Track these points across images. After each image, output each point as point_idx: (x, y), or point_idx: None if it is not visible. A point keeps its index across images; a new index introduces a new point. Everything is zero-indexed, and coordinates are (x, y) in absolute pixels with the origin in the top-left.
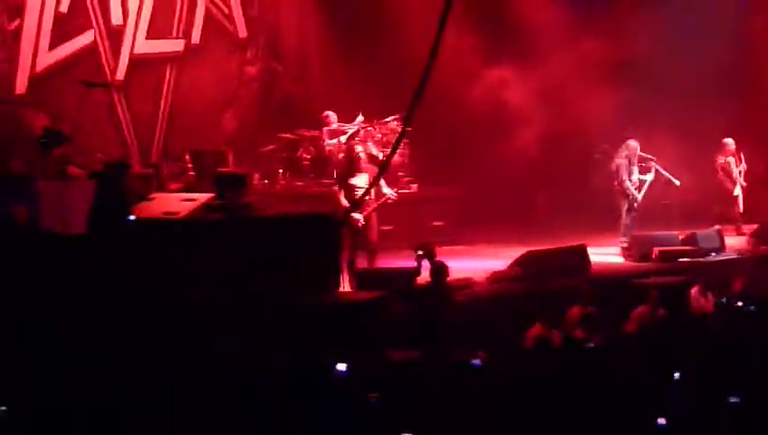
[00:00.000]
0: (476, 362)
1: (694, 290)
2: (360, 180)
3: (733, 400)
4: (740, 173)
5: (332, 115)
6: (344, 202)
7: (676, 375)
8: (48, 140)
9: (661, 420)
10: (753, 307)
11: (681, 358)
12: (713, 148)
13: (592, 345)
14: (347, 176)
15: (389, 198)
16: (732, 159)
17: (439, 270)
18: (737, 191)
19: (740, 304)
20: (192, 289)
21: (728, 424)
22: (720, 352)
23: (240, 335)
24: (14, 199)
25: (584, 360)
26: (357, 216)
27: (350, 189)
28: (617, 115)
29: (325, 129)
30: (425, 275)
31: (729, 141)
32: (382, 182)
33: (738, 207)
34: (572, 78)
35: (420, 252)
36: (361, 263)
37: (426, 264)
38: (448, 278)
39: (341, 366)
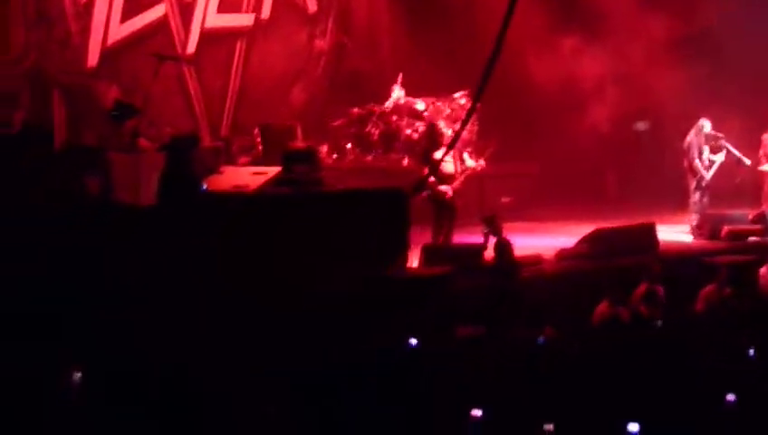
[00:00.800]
0: (541, 339)
1: (764, 269)
2: (442, 154)
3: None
4: None
5: (398, 89)
6: (431, 177)
7: (751, 352)
8: (119, 112)
9: (730, 397)
10: None
11: (752, 336)
12: None
13: (660, 323)
14: (430, 151)
15: (477, 168)
16: (767, 136)
17: (503, 247)
18: (764, 167)
19: None
20: (262, 262)
21: None
22: None
23: (309, 309)
24: (87, 171)
25: (652, 337)
26: (445, 188)
27: (434, 164)
28: (688, 94)
29: (390, 102)
30: (491, 252)
31: None
32: (465, 156)
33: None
34: (644, 56)
35: (486, 229)
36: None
37: (493, 239)
38: (514, 255)
39: (413, 340)
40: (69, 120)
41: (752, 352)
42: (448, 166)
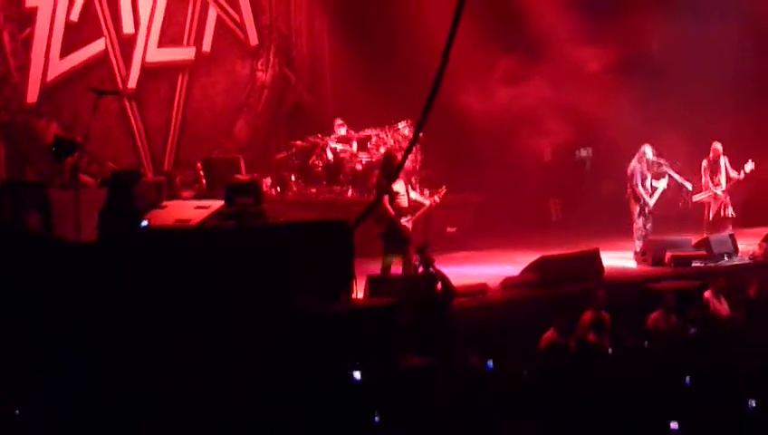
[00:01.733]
0: (490, 364)
1: (707, 293)
2: (400, 186)
3: (752, 404)
4: (714, 181)
5: (340, 123)
6: (391, 209)
7: (687, 380)
8: (59, 148)
9: (674, 425)
10: None
11: (697, 362)
12: (727, 152)
13: (610, 351)
14: (387, 182)
15: (432, 204)
16: (704, 163)
17: (429, 279)
18: (698, 197)
19: None
20: (204, 296)
21: (748, 429)
22: (740, 355)
23: (252, 342)
24: (27, 207)
25: (597, 364)
26: (405, 222)
27: (392, 196)
28: (631, 120)
29: (333, 136)
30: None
31: (715, 146)
32: (409, 188)
33: (707, 213)
34: (586, 84)
35: (417, 262)
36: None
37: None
38: (449, 285)
39: (357, 374)
40: (8, 157)
41: (688, 379)
42: (404, 199)
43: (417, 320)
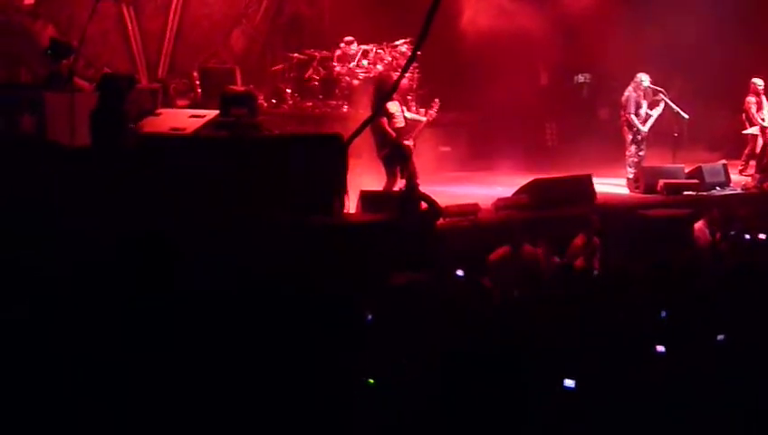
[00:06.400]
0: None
1: (699, 224)
2: (395, 107)
3: (720, 338)
4: (760, 116)
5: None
6: (390, 130)
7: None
8: (55, 51)
9: (660, 348)
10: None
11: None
12: (727, 81)
13: (596, 273)
14: (383, 101)
15: (429, 119)
16: (752, 99)
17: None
18: (750, 130)
19: (747, 236)
20: (195, 205)
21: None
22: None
23: (241, 254)
24: (21, 109)
25: (587, 288)
26: (408, 142)
27: (389, 118)
28: (630, 49)
29: (338, 52)
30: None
31: (756, 81)
32: (404, 109)
33: (752, 147)
34: (588, 9)
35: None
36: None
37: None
38: (441, 206)
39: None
40: (4, 59)
41: (664, 313)
42: (400, 119)
43: (404, 238)
